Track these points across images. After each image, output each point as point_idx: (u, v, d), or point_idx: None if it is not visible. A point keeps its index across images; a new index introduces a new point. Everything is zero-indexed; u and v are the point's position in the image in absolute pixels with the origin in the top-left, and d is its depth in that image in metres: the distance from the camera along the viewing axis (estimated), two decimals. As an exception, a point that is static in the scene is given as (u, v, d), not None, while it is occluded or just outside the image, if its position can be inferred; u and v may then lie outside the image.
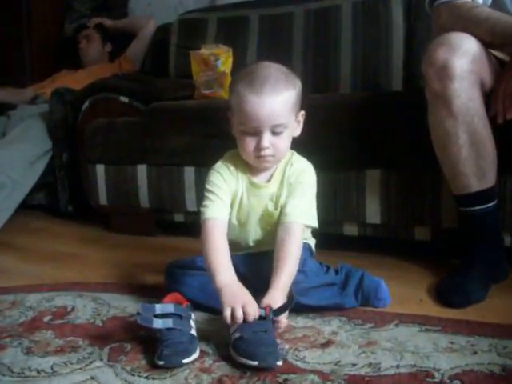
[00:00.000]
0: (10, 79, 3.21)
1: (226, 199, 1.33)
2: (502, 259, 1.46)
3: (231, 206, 1.36)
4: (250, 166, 1.35)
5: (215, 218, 1.30)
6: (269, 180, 1.36)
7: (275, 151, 1.27)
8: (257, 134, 1.25)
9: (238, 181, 1.35)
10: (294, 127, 1.32)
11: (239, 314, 1.10)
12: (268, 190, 1.35)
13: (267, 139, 1.24)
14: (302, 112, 1.34)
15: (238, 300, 1.12)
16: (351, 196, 1.74)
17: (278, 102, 1.22)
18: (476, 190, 1.39)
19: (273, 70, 1.25)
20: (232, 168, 1.35)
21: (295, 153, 1.39)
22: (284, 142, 1.28)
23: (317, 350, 1.14)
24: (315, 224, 1.36)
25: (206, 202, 1.32)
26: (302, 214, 1.31)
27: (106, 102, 2.30)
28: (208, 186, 1.34)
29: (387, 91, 2.24)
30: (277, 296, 1.17)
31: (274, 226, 1.35)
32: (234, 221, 1.38)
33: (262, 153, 1.26)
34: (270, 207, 1.35)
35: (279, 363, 1.06)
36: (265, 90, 1.21)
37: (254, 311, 1.10)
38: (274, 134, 1.25)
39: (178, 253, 1.57)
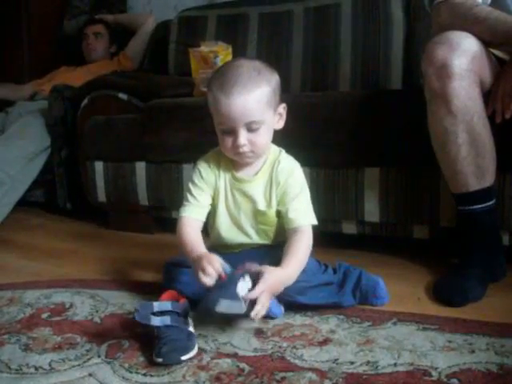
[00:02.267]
0: (8, 76, 3.21)
1: (202, 199, 1.37)
2: (500, 258, 1.46)
3: (217, 201, 1.38)
4: (234, 161, 1.36)
5: (188, 217, 1.36)
6: (254, 175, 1.36)
7: (253, 147, 1.28)
8: (233, 132, 1.27)
9: (219, 175, 1.37)
10: (275, 121, 1.33)
11: (201, 279, 1.17)
12: (253, 186, 1.36)
13: (243, 137, 1.26)
14: (283, 105, 1.34)
15: (198, 267, 1.19)
16: (350, 194, 1.74)
17: (249, 101, 1.23)
18: (474, 189, 1.39)
19: (244, 69, 1.26)
20: (212, 163, 1.38)
21: (283, 151, 1.39)
22: (261, 137, 1.29)
23: (315, 348, 1.14)
24: (316, 221, 1.37)
25: (184, 202, 1.38)
26: (306, 215, 1.33)
27: (105, 99, 2.30)
28: (189, 185, 1.39)
29: (386, 89, 2.24)
30: (279, 273, 1.20)
31: (270, 227, 1.36)
32: (226, 217, 1.38)
33: (240, 150, 1.27)
34: (262, 206, 1.35)
35: (218, 307, 1.13)
36: (235, 90, 1.22)
37: (212, 271, 1.17)
38: (250, 130, 1.26)
39: (176, 250, 1.56)
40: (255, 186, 1.35)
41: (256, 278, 1.17)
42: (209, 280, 1.17)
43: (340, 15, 2.40)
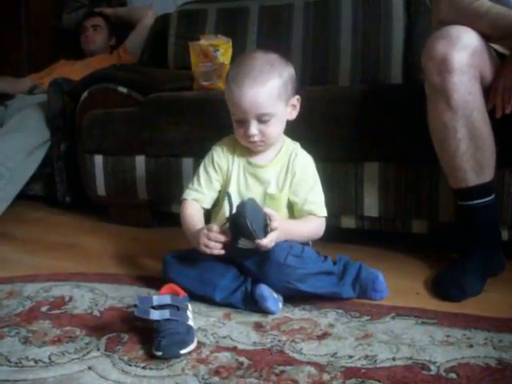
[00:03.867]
0: (8, 69, 3.20)
1: (207, 190, 1.45)
2: (499, 253, 1.46)
3: (229, 183, 1.43)
4: (249, 147, 1.42)
5: (191, 201, 1.45)
6: (268, 162, 1.42)
7: (264, 137, 1.35)
8: (245, 122, 1.33)
9: (232, 159, 1.44)
10: (287, 112, 1.39)
11: (204, 251, 1.29)
12: (266, 171, 1.41)
13: (254, 127, 1.33)
14: (297, 96, 1.40)
15: (197, 241, 1.31)
16: (349, 189, 1.74)
17: (259, 94, 1.29)
18: (474, 184, 1.39)
19: (258, 62, 1.32)
20: (227, 148, 1.46)
21: (298, 144, 1.46)
22: (272, 128, 1.35)
23: (313, 342, 1.14)
24: (326, 213, 1.44)
25: (190, 185, 1.48)
26: (320, 208, 1.42)
27: (104, 92, 2.29)
28: (200, 169, 1.47)
29: (386, 84, 2.23)
30: (282, 222, 1.29)
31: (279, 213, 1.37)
32: (235, 199, 1.39)
33: (251, 139, 1.35)
34: (272, 190, 1.40)
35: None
36: (246, 83, 1.29)
37: (214, 245, 1.28)
38: (261, 121, 1.33)
39: (176, 244, 1.57)
40: (268, 172, 1.41)
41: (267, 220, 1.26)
42: (216, 251, 1.28)
43: (340, 9, 2.39)
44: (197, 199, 1.45)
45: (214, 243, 1.28)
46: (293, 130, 1.48)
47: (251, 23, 2.57)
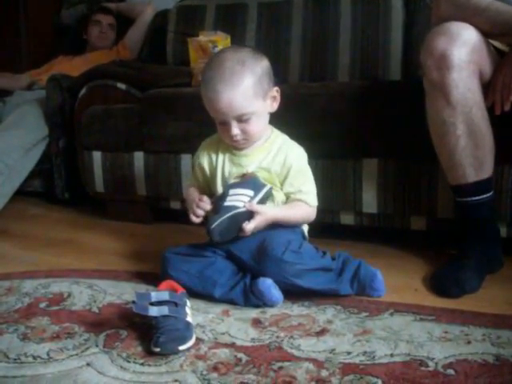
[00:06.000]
0: (6, 65, 3.19)
1: (198, 179, 1.53)
2: (498, 250, 1.46)
3: (216, 177, 1.46)
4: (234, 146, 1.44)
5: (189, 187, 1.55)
6: (253, 151, 1.43)
7: (246, 135, 1.37)
8: (225, 123, 1.35)
9: (216, 156, 1.47)
10: (267, 106, 1.39)
11: (195, 212, 1.37)
12: (249, 159, 1.43)
13: (235, 128, 1.35)
14: (276, 88, 1.40)
15: (190, 205, 1.41)
16: (348, 185, 1.74)
17: (234, 96, 1.30)
18: (472, 181, 1.39)
19: (229, 63, 1.32)
20: (209, 147, 1.49)
21: (287, 137, 1.47)
22: (253, 126, 1.36)
23: (312, 338, 1.14)
24: (317, 203, 1.46)
25: (188, 182, 1.59)
26: (312, 198, 1.44)
27: (103, 88, 2.29)
28: (192, 168, 1.55)
29: (385, 80, 2.23)
30: (269, 209, 1.36)
31: None
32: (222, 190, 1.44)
33: (234, 139, 1.37)
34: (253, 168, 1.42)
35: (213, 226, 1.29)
36: (220, 87, 1.30)
37: (199, 212, 1.37)
38: (241, 121, 1.34)
39: (174, 240, 1.58)
40: (252, 158, 1.42)
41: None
42: (197, 219, 1.37)
43: (339, 5, 2.38)
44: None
45: (197, 209, 1.37)
46: (291, 126, 1.48)
47: (250, 19, 2.57)
